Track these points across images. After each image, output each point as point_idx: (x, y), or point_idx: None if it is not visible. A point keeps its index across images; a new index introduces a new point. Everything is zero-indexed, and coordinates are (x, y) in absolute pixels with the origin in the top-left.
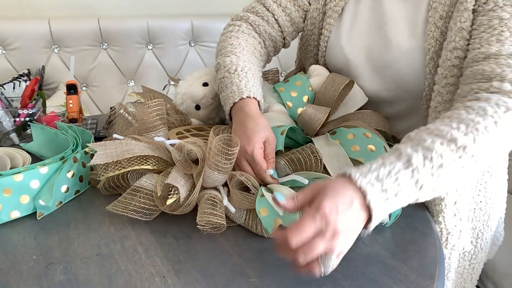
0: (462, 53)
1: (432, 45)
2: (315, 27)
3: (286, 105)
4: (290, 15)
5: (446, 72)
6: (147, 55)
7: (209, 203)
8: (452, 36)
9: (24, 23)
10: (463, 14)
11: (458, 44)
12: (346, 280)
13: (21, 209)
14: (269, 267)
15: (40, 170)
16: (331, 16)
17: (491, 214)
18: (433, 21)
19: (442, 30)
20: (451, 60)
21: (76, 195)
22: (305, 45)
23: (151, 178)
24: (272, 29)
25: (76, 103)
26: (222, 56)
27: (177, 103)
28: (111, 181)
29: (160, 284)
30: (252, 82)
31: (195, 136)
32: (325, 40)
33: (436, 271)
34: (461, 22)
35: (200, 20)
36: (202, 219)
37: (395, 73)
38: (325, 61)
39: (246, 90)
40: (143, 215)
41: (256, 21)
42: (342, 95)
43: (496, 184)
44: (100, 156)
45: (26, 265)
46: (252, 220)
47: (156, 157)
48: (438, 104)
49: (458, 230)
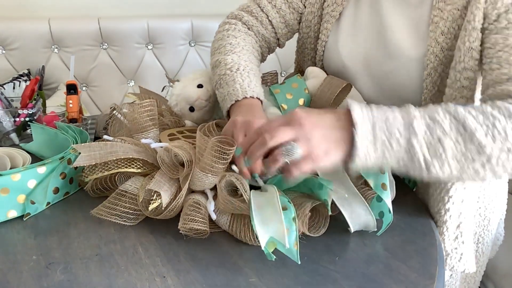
0: (471, 74)
1: (431, 60)
2: (310, 30)
3: (281, 107)
4: (284, 16)
5: (455, 93)
6: (147, 55)
7: (191, 208)
8: (461, 57)
9: (24, 23)
10: (471, 34)
11: (468, 65)
12: (346, 280)
13: (18, 209)
14: (269, 267)
15: (38, 170)
16: (328, 21)
17: (491, 219)
18: (434, 36)
19: (443, 47)
20: (461, 81)
21: (65, 196)
22: (302, 48)
23: (136, 181)
24: (265, 30)
25: (76, 103)
26: (221, 54)
27: (171, 105)
28: (98, 183)
29: (160, 284)
30: (255, 82)
31: (188, 138)
32: (323, 45)
33: (436, 271)
34: (470, 42)
35: (200, 20)
36: (184, 225)
37: (393, 83)
38: (322, 65)
39: (250, 90)
40: (127, 219)
41: (250, 21)
42: (339, 99)
43: (495, 188)
44: (84, 158)
45: (26, 265)
46: (236, 226)
47: (142, 160)
48: None
49: (459, 253)
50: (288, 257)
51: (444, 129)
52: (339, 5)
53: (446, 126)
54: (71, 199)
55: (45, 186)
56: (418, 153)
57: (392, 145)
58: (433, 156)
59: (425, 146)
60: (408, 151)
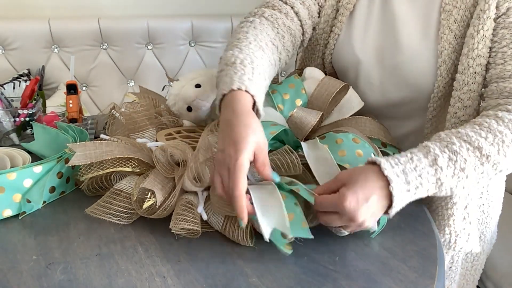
0: (484, 60)
1: (445, 47)
2: (327, 25)
3: (277, 107)
4: (308, 8)
5: (468, 79)
6: (147, 55)
7: (183, 208)
8: (474, 44)
9: (24, 23)
10: (485, 22)
11: (481, 52)
12: (346, 280)
13: (13, 208)
14: (269, 267)
15: (34, 169)
16: (343, 14)
17: (493, 217)
18: (447, 24)
19: (456, 34)
20: (474, 68)
21: (61, 195)
22: (314, 44)
23: (131, 180)
24: (291, 22)
25: (76, 103)
26: (225, 51)
27: (169, 104)
28: (94, 182)
29: (160, 284)
30: (249, 75)
31: (185, 137)
32: (335, 38)
33: (436, 271)
34: (484, 30)
35: (200, 20)
36: (176, 225)
37: (406, 74)
38: (331, 60)
39: (238, 81)
40: (121, 218)
41: (273, 14)
42: (336, 99)
43: (496, 187)
44: (79, 157)
45: (26, 265)
46: (230, 227)
47: (137, 159)
48: (458, 110)
49: (466, 233)
50: (288, 257)
51: (464, 158)
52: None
53: (465, 155)
54: (71, 199)
55: (42, 186)
56: (445, 184)
57: (423, 185)
58: (457, 184)
59: (450, 177)
60: (436, 185)
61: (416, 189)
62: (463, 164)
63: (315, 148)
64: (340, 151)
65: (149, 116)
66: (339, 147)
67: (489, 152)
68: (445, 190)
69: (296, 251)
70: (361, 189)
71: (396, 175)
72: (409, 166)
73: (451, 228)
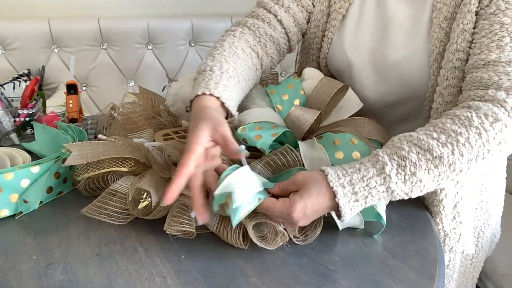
0: (464, 55)
1: (436, 46)
2: (318, 29)
3: (276, 108)
4: (294, 15)
5: (447, 73)
6: (147, 55)
7: (177, 210)
8: (454, 38)
9: (24, 23)
10: (466, 16)
11: (460, 46)
12: (346, 280)
13: (10, 208)
14: (269, 267)
15: (32, 169)
16: (335, 18)
17: (491, 213)
18: (438, 22)
19: (447, 31)
20: (453, 62)
21: (58, 196)
22: (307, 49)
23: (127, 181)
24: (274, 30)
25: (76, 103)
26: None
27: (168, 104)
28: (91, 182)
29: (160, 284)
30: (216, 79)
31: (183, 138)
32: (328, 42)
33: (436, 271)
34: (463, 24)
35: (200, 20)
36: (170, 226)
37: (400, 75)
38: (326, 64)
39: (204, 87)
40: (116, 219)
41: (255, 24)
42: (335, 100)
43: (496, 183)
44: (75, 157)
45: (26, 265)
46: (224, 229)
47: (134, 159)
48: (439, 105)
49: (457, 233)
50: (288, 257)
51: (413, 163)
52: (345, 1)
53: (414, 159)
54: (71, 199)
55: (39, 186)
56: (396, 190)
57: (372, 195)
58: (411, 188)
59: (402, 183)
60: (388, 192)
61: (365, 198)
62: (413, 168)
63: (312, 148)
64: (337, 152)
65: (147, 117)
66: (336, 148)
67: (441, 154)
68: (400, 196)
69: (296, 251)
70: (311, 203)
71: (342, 186)
72: (356, 176)
73: (439, 226)
